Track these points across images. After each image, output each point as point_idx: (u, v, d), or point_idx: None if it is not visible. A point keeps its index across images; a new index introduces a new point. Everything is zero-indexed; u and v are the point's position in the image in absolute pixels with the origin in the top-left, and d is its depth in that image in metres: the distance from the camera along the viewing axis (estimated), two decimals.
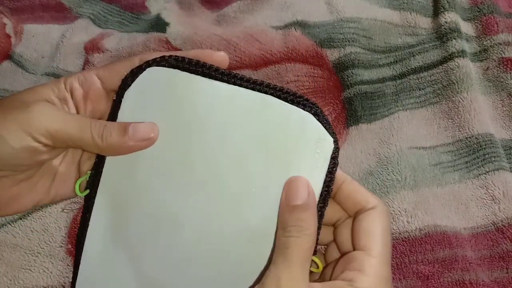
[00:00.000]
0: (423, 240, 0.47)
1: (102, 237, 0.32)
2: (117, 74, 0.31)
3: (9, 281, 0.46)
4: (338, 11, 0.64)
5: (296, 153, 0.29)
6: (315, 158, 0.29)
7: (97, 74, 0.32)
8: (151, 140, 0.30)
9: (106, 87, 0.32)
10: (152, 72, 0.31)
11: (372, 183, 0.51)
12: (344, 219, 0.33)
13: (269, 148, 0.29)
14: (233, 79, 0.30)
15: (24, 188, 0.32)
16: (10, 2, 0.69)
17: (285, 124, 0.29)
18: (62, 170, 0.33)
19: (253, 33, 0.62)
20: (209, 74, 0.30)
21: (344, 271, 0.29)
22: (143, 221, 0.31)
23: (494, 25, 0.60)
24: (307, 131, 0.29)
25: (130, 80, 0.31)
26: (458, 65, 0.57)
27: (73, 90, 0.31)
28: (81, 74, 0.32)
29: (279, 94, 0.29)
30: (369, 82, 0.58)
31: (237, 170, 0.30)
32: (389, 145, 0.53)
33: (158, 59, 0.31)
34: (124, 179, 0.31)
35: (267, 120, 0.29)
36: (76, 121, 0.30)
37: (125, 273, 0.32)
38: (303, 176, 0.29)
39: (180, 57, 0.30)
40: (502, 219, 0.48)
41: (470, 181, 0.50)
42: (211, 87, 0.30)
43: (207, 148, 0.30)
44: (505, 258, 0.46)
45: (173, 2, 0.69)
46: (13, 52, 0.63)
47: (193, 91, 0.30)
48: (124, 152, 0.30)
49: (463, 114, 0.54)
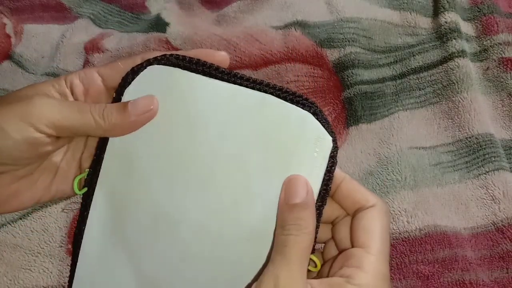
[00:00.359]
0: (423, 240, 0.47)
1: (100, 235, 0.32)
2: (118, 72, 0.32)
3: (9, 281, 0.46)
4: (338, 11, 0.64)
5: (295, 152, 0.29)
6: (314, 157, 0.29)
7: (98, 72, 0.32)
8: (151, 112, 0.30)
9: (106, 85, 0.32)
10: (152, 70, 0.31)
11: (372, 183, 0.51)
12: (343, 216, 0.33)
13: (269, 147, 0.29)
14: (233, 78, 0.30)
15: (24, 185, 0.31)
16: (10, 2, 0.69)
17: (285, 123, 0.29)
18: (63, 167, 0.33)
19: (253, 33, 0.62)
20: (210, 73, 0.30)
21: (342, 267, 0.29)
22: (141, 220, 0.31)
23: (494, 25, 0.60)
24: (306, 130, 0.29)
25: (131, 78, 0.31)
26: (458, 65, 0.57)
27: (74, 87, 0.32)
28: (82, 71, 0.32)
29: (279, 93, 0.29)
30: (369, 82, 0.58)
31: (236, 169, 0.30)
32: (389, 145, 0.53)
33: (159, 58, 0.31)
34: (122, 177, 0.31)
35: (266, 119, 0.29)
36: (76, 106, 0.30)
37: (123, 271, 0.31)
38: (302, 174, 0.29)
39: (181, 56, 0.30)
40: (502, 219, 0.48)
41: (470, 181, 0.50)
42: (211, 85, 0.30)
43: (207, 147, 0.30)
44: (505, 258, 0.46)
45: (173, 2, 0.69)
46: (13, 52, 0.63)
47: (193, 89, 0.30)
48: (128, 130, 0.30)
49: (463, 114, 0.54)
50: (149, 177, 0.31)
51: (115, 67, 0.32)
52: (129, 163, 0.31)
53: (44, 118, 0.28)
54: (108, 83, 0.32)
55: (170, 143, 0.30)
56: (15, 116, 0.28)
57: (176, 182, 0.30)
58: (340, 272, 0.29)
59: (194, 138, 0.30)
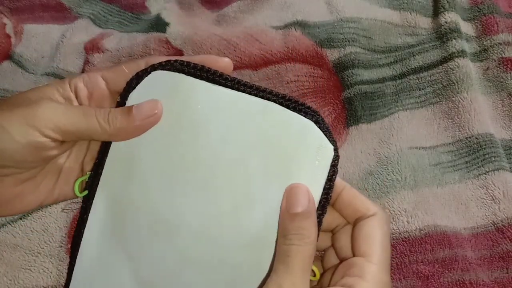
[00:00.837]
0: (423, 240, 0.47)
1: (99, 238, 0.32)
2: (122, 76, 0.32)
3: (9, 281, 0.46)
4: (338, 11, 0.64)
5: (296, 160, 0.29)
6: (315, 166, 0.29)
7: (102, 76, 0.32)
8: (156, 116, 0.30)
9: (110, 88, 0.32)
10: (157, 75, 0.31)
11: (372, 183, 0.51)
12: (343, 225, 0.33)
13: (270, 154, 0.29)
14: (236, 85, 0.30)
15: (28, 188, 0.31)
16: (10, 2, 0.69)
17: (287, 131, 0.29)
18: (65, 171, 0.33)
19: (253, 33, 0.62)
20: (213, 80, 0.30)
21: (343, 277, 0.29)
22: (140, 223, 0.31)
23: (494, 25, 0.60)
24: (308, 139, 0.29)
25: (135, 83, 0.31)
26: (458, 65, 0.57)
27: (78, 90, 0.32)
28: (86, 75, 0.32)
29: (282, 101, 0.29)
30: (369, 82, 0.58)
31: (237, 174, 0.30)
32: (389, 145, 0.53)
33: (164, 63, 0.31)
34: (123, 181, 0.31)
35: (268, 126, 0.29)
36: (81, 111, 0.30)
37: (121, 274, 0.31)
38: (303, 183, 0.29)
39: (185, 62, 0.31)
40: (502, 219, 0.48)
41: (470, 181, 0.50)
42: (214, 92, 0.30)
43: (208, 152, 0.30)
44: (505, 258, 0.46)
45: (173, 2, 0.69)
46: (13, 52, 0.63)
47: (196, 95, 0.30)
48: (133, 134, 0.30)
49: (463, 114, 0.54)
50: (150, 181, 0.31)
51: (119, 71, 0.32)
52: (131, 167, 0.31)
53: (49, 123, 0.29)
54: (112, 87, 0.32)
55: (172, 147, 0.30)
56: (21, 119, 0.28)
57: (176, 186, 0.30)
58: (342, 282, 0.29)
59: (196, 143, 0.30)
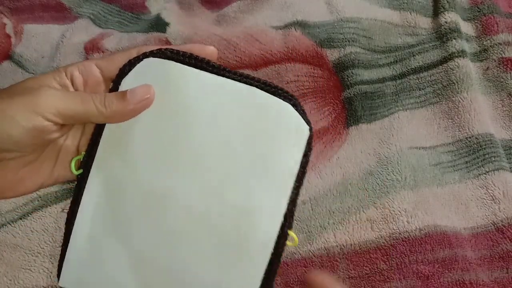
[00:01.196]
0: (423, 240, 0.47)
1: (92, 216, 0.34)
2: (116, 64, 0.34)
3: (9, 281, 0.46)
4: (338, 11, 0.64)
5: (276, 138, 0.33)
6: (293, 143, 0.33)
7: (96, 64, 0.35)
8: (148, 100, 0.33)
9: (104, 76, 0.35)
10: (148, 63, 0.33)
11: (372, 183, 0.51)
12: None
13: (253, 134, 0.33)
14: (222, 72, 0.33)
15: (30, 170, 0.33)
16: (10, 2, 0.69)
17: (267, 112, 0.33)
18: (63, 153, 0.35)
19: (253, 33, 0.62)
20: (201, 66, 0.33)
21: None
22: (133, 200, 0.33)
23: (494, 25, 0.60)
24: (286, 119, 0.33)
25: (128, 69, 0.34)
26: (458, 65, 0.57)
27: (74, 78, 0.34)
28: (81, 64, 0.35)
29: (263, 86, 0.33)
30: (369, 82, 0.58)
31: (223, 154, 0.33)
32: (389, 145, 0.53)
33: (155, 51, 0.34)
34: (116, 160, 0.34)
35: (251, 109, 0.33)
36: (79, 96, 0.33)
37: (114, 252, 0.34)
38: (283, 159, 0.33)
39: (175, 50, 0.33)
40: (502, 219, 0.48)
41: (470, 181, 0.50)
42: (202, 77, 0.33)
43: (197, 133, 0.33)
44: (505, 258, 0.46)
45: (173, 2, 0.69)
46: (13, 52, 0.64)
47: (185, 80, 0.33)
48: (127, 116, 0.33)
49: (463, 114, 0.54)
50: (142, 161, 0.33)
51: (112, 59, 0.34)
52: (124, 147, 0.34)
53: (51, 108, 0.31)
54: (106, 74, 0.34)
55: (163, 129, 0.33)
56: (24, 106, 0.31)
57: (167, 166, 0.33)
58: None
59: (185, 125, 0.33)
